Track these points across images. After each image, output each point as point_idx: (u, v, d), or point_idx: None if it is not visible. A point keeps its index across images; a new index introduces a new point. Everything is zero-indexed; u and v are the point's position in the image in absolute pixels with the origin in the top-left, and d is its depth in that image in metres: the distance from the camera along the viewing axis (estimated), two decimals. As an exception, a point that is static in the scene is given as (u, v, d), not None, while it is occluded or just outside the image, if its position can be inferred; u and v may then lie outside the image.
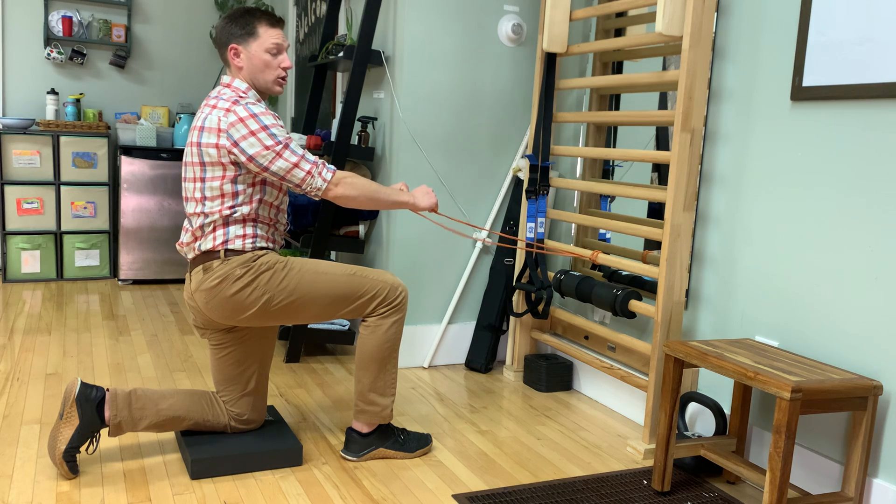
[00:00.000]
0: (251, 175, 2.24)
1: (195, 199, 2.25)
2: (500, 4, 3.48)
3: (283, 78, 2.33)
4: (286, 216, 2.46)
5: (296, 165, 2.21)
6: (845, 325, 2.22)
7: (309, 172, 2.23)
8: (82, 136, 4.92)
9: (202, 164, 2.22)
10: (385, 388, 2.45)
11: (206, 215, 2.24)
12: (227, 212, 2.23)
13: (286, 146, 2.20)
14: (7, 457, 2.36)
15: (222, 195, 2.22)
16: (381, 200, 2.35)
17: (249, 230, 2.27)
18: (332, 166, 2.32)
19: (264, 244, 2.30)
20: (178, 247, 2.37)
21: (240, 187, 2.23)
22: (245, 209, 2.25)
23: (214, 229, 2.24)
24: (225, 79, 2.31)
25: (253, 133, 2.17)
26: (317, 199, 2.31)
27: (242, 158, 2.18)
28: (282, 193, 2.36)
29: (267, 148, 2.17)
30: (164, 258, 5.03)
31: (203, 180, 2.23)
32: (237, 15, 2.29)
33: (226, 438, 2.41)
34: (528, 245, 3.24)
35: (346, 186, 2.28)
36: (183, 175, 2.30)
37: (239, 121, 2.17)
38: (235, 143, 2.17)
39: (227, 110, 2.20)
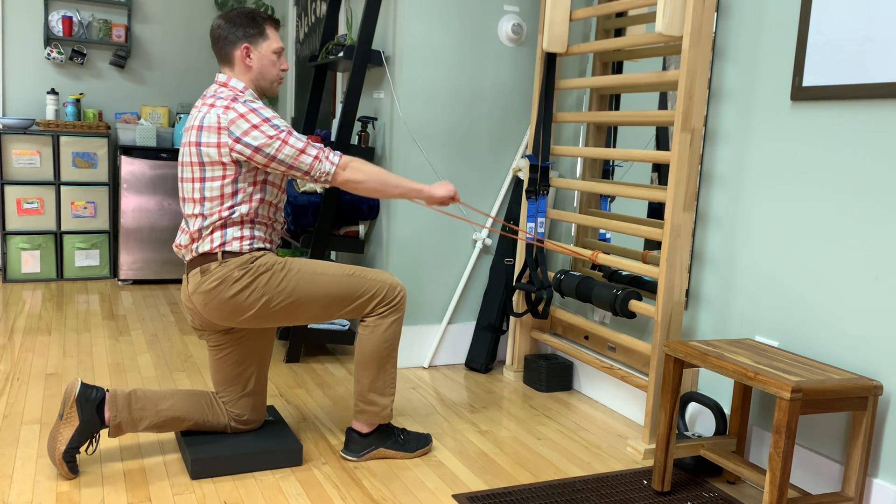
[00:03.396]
0: (252, 174, 2.24)
1: (193, 200, 2.25)
2: (500, 4, 3.48)
3: (281, 79, 2.37)
4: (284, 215, 2.45)
5: (302, 151, 2.21)
6: (845, 325, 2.22)
7: (316, 157, 2.23)
8: (82, 136, 4.92)
9: (201, 164, 2.21)
10: (385, 388, 2.45)
11: (205, 216, 2.23)
12: (227, 212, 2.23)
13: (290, 133, 2.21)
14: (7, 457, 2.36)
15: (222, 195, 2.22)
16: (390, 185, 2.29)
17: (247, 231, 2.26)
18: (338, 151, 2.30)
19: (261, 245, 2.30)
20: (174, 248, 2.37)
21: (240, 185, 2.23)
22: (244, 208, 2.24)
23: (213, 231, 2.24)
24: (221, 77, 2.31)
25: (255, 126, 2.17)
26: (327, 185, 2.28)
27: (248, 152, 2.18)
28: (281, 192, 2.36)
29: (271, 137, 2.18)
30: (164, 258, 5.03)
31: (203, 180, 2.22)
32: (246, 15, 2.29)
33: (226, 438, 2.41)
34: (538, 241, 3.24)
35: (354, 170, 2.27)
36: (180, 175, 2.30)
37: (239, 117, 2.18)
38: (238, 140, 2.17)
39: (227, 108, 2.20)
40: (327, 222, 3.38)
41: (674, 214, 2.57)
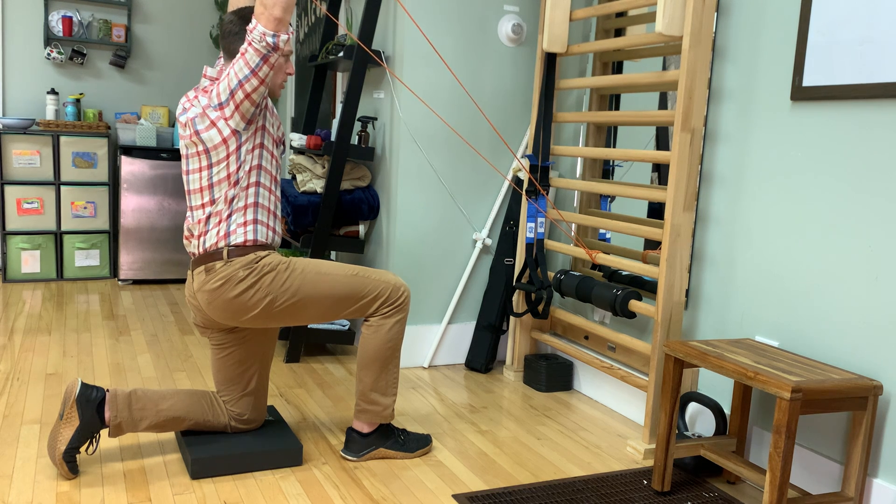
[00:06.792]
0: (251, 138, 2.25)
1: (201, 189, 2.26)
2: (500, 4, 3.48)
3: (285, 82, 2.37)
4: (284, 214, 2.45)
5: (242, 54, 2.15)
6: (845, 325, 2.22)
7: (249, 43, 2.14)
8: (82, 136, 4.92)
9: (206, 151, 2.23)
10: (387, 388, 2.45)
11: (214, 202, 2.25)
12: (232, 192, 2.24)
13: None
14: (7, 457, 2.36)
15: (228, 175, 2.24)
16: None
17: (250, 216, 2.27)
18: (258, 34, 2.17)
19: (265, 231, 2.30)
20: (185, 241, 2.38)
21: (243, 158, 2.24)
22: (247, 192, 2.26)
23: (220, 222, 2.25)
24: (211, 72, 2.31)
25: (219, 83, 2.21)
26: (277, 38, 2.13)
27: (232, 104, 2.18)
28: (275, 183, 2.36)
29: (227, 76, 2.17)
30: (164, 258, 5.03)
31: (210, 167, 2.24)
32: None
33: (226, 438, 2.41)
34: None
35: (263, 7, 2.11)
36: (185, 168, 2.30)
37: (213, 92, 2.22)
38: (221, 105, 2.19)
39: (205, 92, 2.25)
40: (327, 222, 3.38)
41: (674, 214, 2.57)
